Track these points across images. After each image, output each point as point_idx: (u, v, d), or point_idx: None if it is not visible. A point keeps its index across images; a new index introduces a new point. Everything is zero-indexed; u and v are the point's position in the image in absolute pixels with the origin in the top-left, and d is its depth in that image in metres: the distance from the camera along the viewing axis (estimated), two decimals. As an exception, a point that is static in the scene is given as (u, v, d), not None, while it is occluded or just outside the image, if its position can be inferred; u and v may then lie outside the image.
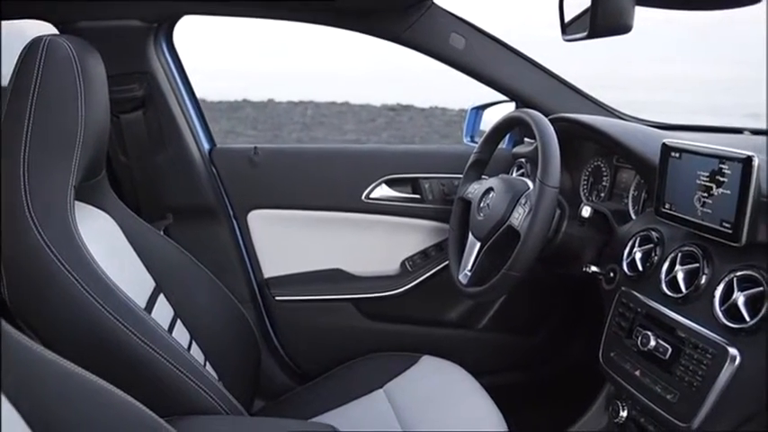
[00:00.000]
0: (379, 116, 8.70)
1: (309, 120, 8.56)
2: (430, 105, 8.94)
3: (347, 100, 9.30)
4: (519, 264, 1.26)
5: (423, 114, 8.68)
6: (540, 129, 1.31)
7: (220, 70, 9.84)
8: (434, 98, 8.77)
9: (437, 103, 8.83)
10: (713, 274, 1.09)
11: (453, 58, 1.68)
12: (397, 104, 9.13)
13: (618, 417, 1.27)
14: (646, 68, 10.40)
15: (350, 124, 8.32)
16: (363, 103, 9.22)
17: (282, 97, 9.39)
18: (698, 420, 1.04)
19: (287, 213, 1.78)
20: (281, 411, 1.55)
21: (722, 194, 1.05)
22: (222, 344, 1.42)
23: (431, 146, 2.40)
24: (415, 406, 1.42)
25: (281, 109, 9.06)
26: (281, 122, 8.42)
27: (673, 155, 1.15)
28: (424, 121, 8.39)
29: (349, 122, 8.41)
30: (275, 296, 1.79)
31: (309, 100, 9.26)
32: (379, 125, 8.30)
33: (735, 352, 1.01)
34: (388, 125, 8.28)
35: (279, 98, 9.39)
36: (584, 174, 1.64)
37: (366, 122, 8.43)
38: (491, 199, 1.42)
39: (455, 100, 7.08)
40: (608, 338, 1.28)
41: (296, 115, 8.74)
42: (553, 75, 1.75)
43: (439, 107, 8.70)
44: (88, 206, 1.23)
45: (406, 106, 9.05)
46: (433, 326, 1.86)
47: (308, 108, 8.96)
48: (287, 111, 8.96)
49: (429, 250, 1.83)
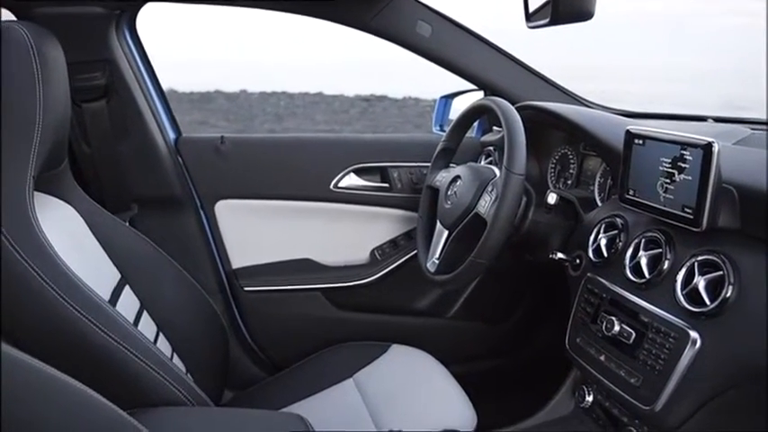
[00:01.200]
0: (353, 107, 8.67)
1: (282, 110, 8.50)
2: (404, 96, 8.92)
3: (320, 90, 9.24)
4: (485, 251, 1.27)
5: (396, 105, 8.66)
6: (506, 116, 1.31)
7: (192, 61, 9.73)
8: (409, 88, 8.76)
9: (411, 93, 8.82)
10: (675, 260, 1.10)
11: (420, 46, 1.67)
12: (370, 95, 9.09)
13: (584, 401, 1.29)
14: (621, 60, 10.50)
15: (323, 115, 8.28)
16: (337, 94, 9.17)
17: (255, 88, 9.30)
18: (660, 403, 1.06)
19: (255, 203, 1.77)
20: (251, 402, 1.54)
21: (684, 180, 1.06)
22: (190, 335, 1.40)
23: (399, 134, 2.39)
24: (385, 395, 1.43)
25: (253, 100, 8.98)
26: (254, 113, 8.35)
27: (636, 142, 1.16)
28: (397, 111, 8.37)
29: (322, 113, 8.37)
30: (244, 287, 1.78)
31: (282, 91, 9.18)
32: (353, 116, 8.27)
33: (695, 335, 1.02)
34: (361, 116, 8.26)
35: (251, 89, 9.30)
36: (552, 161, 1.65)
37: (339, 113, 8.39)
38: (458, 187, 1.42)
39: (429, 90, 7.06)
40: (574, 324, 1.29)
41: (268, 106, 8.67)
42: (520, 63, 1.75)
43: (413, 97, 8.69)
44: (49, 197, 1.21)
45: (380, 97, 9.02)
46: (402, 315, 1.86)
47: (280, 99, 8.89)
48: (259, 102, 8.88)
49: (398, 239, 1.83)
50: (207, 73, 9.63)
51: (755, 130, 1.41)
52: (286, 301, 1.80)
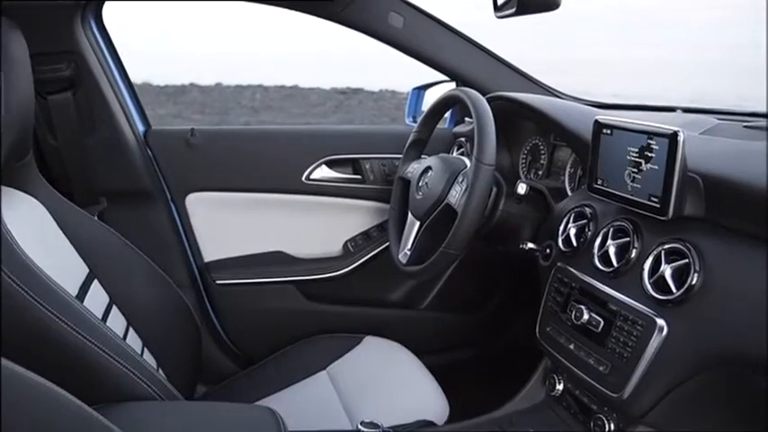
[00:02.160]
0: (329, 100, 8.63)
1: (258, 104, 8.43)
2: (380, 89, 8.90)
3: (296, 83, 9.19)
4: (456, 242, 1.27)
5: (373, 98, 8.64)
6: (476, 107, 1.31)
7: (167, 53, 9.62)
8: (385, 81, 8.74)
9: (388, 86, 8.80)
10: (643, 248, 1.11)
11: (392, 38, 1.67)
12: (347, 88, 9.06)
13: (554, 390, 1.30)
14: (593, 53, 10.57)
15: (299, 108, 8.23)
16: (313, 87, 9.12)
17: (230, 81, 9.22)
18: (628, 390, 1.07)
19: (226, 196, 1.76)
20: (224, 396, 1.53)
21: (650, 169, 1.07)
22: (161, 329, 1.39)
23: (371, 126, 2.39)
24: (358, 386, 1.43)
25: (228, 93, 8.91)
26: (229, 107, 8.28)
27: (604, 131, 1.17)
28: (374, 104, 8.36)
29: (298, 106, 8.32)
30: (216, 280, 1.77)
31: (258, 84, 9.12)
32: (329, 109, 8.23)
33: (662, 323, 1.04)
34: (337, 108, 8.22)
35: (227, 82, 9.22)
36: (523, 152, 1.65)
37: (315, 106, 8.35)
38: (429, 178, 1.42)
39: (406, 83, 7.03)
40: (544, 314, 1.30)
41: (244, 99, 8.60)
42: (492, 54, 1.75)
43: (389, 90, 8.67)
44: (13, 190, 1.19)
45: (356, 90, 8.99)
46: (376, 306, 1.86)
47: (256, 92, 8.82)
48: (235, 95, 8.81)
49: (371, 231, 1.83)
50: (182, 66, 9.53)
51: (722, 120, 1.42)
52: (259, 295, 1.79)
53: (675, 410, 1.06)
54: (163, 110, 7.73)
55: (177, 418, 1.05)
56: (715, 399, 1.04)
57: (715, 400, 1.04)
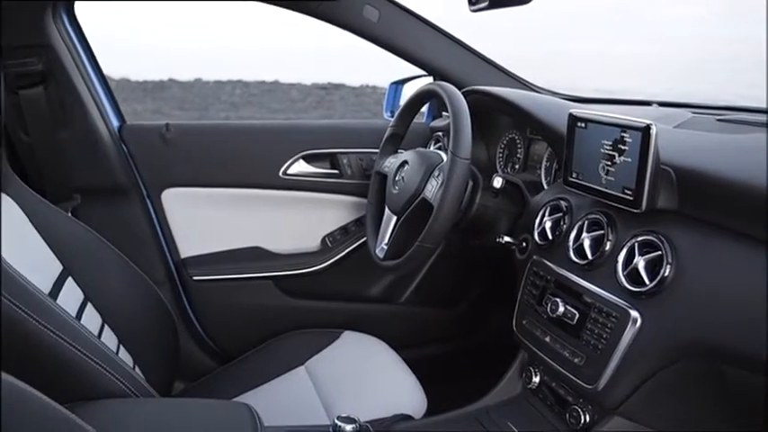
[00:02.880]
0: (310, 95, 8.60)
1: (238, 99, 8.38)
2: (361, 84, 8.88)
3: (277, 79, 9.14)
4: (432, 236, 1.27)
5: (354, 93, 8.62)
6: (452, 101, 1.31)
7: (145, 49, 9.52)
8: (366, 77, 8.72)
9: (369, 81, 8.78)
10: (617, 241, 1.12)
11: (368, 31, 1.66)
12: (328, 83, 9.03)
13: (531, 382, 1.31)
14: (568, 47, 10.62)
15: (279, 104, 8.20)
16: (293, 82, 9.08)
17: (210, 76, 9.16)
18: (603, 381, 1.08)
19: (202, 191, 1.74)
20: (202, 393, 1.53)
21: (624, 162, 1.07)
22: (137, 327, 1.38)
23: (349, 120, 2.38)
24: (336, 381, 1.43)
25: (208, 88, 8.85)
26: (209, 102, 8.22)
27: (579, 125, 1.17)
28: (355, 99, 8.34)
29: (278, 102, 8.28)
30: (193, 276, 1.76)
31: (238, 79, 9.06)
32: (310, 104, 8.20)
33: (636, 314, 1.04)
34: (318, 104, 8.20)
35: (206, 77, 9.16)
36: (500, 146, 1.66)
37: (296, 102, 8.32)
38: (405, 172, 1.42)
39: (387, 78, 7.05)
40: (521, 307, 1.30)
41: (224, 95, 8.55)
42: (469, 48, 1.75)
43: (370, 85, 8.65)
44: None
45: (338, 85, 8.96)
46: (354, 301, 1.86)
47: (236, 87, 8.77)
48: (215, 90, 8.75)
49: (349, 226, 1.82)
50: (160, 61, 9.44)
51: (697, 113, 1.44)
52: (236, 290, 1.78)
53: (649, 401, 1.07)
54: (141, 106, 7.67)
55: (152, 416, 1.04)
56: (687, 389, 1.05)
57: (687, 391, 1.05)
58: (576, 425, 1.17)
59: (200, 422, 1.02)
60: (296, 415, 1.34)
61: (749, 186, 0.93)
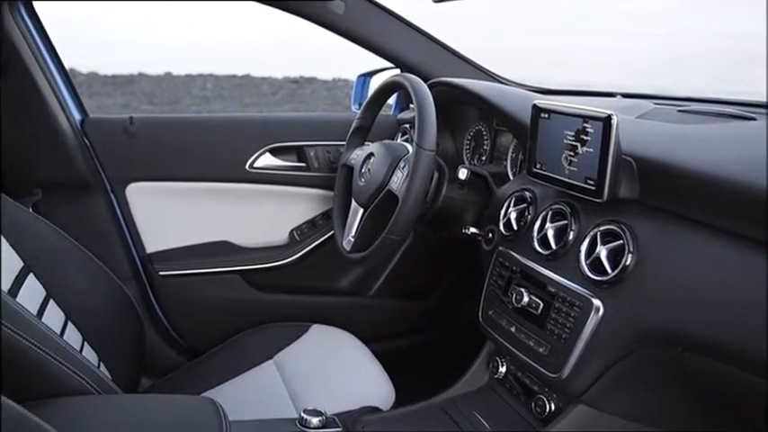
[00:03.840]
0: (282, 89, 8.56)
1: (209, 93, 8.31)
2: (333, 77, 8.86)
3: (248, 72, 9.08)
4: (398, 227, 1.26)
5: (326, 86, 8.60)
6: (417, 92, 1.31)
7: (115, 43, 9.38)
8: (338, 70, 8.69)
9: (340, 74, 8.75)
10: (580, 230, 1.13)
11: (334, 23, 1.66)
12: (300, 77, 8.99)
13: (498, 373, 1.31)
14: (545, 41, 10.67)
15: (251, 97, 8.14)
16: (265, 76, 9.03)
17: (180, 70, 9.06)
18: (567, 370, 1.09)
19: (168, 185, 1.72)
20: (169, 389, 1.51)
21: (586, 153, 1.08)
22: (101, 323, 1.36)
23: (316, 113, 2.38)
24: (305, 375, 1.42)
25: (178, 82, 8.76)
26: (179, 96, 8.14)
27: (542, 116, 1.18)
28: (326, 93, 8.32)
29: (250, 96, 8.23)
30: (159, 271, 1.73)
31: (209, 73, 8.98)
32: (282, 98, 8.16)
33: (598, 303, 1.05)
34: (290, 97, 8.16)
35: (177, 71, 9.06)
36: (467, 137, 1.66)
37: (268, 95, 8.27)
38: (372, 164, 1.41)
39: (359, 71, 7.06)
40: (487, 297, 1.31)
41: (195, 89, 8.46)
42: (436, 40, 1.75)
43: (342, 79, 8.62)
44: None
45: (309, 78, 8.93)
46: (323, 294, 1.86)
47: (207, 81, 8.69)
48: (185, 84, 8.67)
49: (317, 219, 1.81)
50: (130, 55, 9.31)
51: (659, 104, 1.45)
52: (204, 285, 1.77)
53: (612, 389, 1.08)
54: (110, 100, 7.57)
55: (113, 412, 1.02)
56: (649, 377, 1.06)
57: (649, 378, 1.07)
58: (541, 413, 1.18)
59: (162, 418, 1.01)
60: (264, 409, 1.33)
61: (708, 176, 0.94)
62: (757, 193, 0.86)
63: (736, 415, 1.07)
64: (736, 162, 0.95)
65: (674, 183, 1.00)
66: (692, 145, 1.06)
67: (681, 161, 1.00)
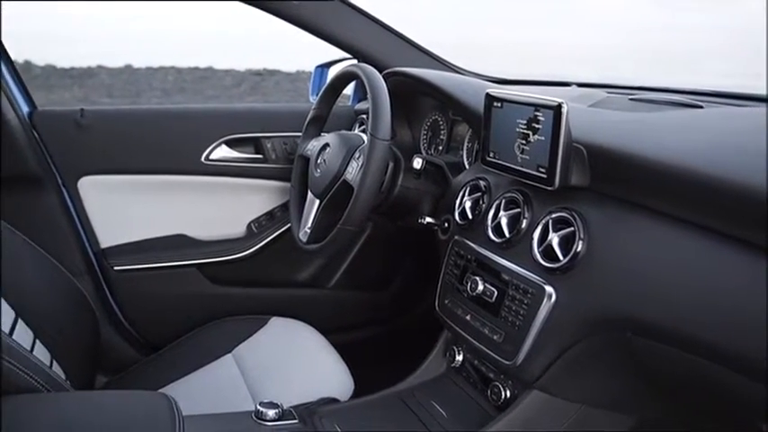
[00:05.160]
0: (245, 81, 8.45)
1: (170, 86, 8.17)
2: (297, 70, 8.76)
3: (211, 65, 8.94)
4: (353, 218, 1.26)
5: (289, 79, 8.50)
6: (371, 82, 1.30)
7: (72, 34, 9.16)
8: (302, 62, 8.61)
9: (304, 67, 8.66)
10: (532, 218, 1.14)
11: (289, 14, 1.64)
12: (263, 69, 8.88)
13: (455, 361, 1.32)
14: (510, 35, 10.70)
15: (213, 90, 8.03)
16: (228, 69, 8.90)
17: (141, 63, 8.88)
18: (521, 357, 1.10)
19: (121, 179, 1.69)
20: (125, 385, 1.49)
21: (538, 141, 1.09)
22: (54, 321, 1.33)
23: (272, 104, 2.35)
24: (264, 368, 1.42)
25: (139, 75, 8.57)
26: (140, 89, 7.98)
27: (495, 104, 1.18)
28: (290, 85, 8.23)
29: (212, 88, 8.11)
30: (114, 266, 1.70)
31: (170, 65, 8.81)
32: (245, 90, 8.06)
33: (551, 290, 1.06)
34: (253, 90, 8.06)
35: (137, 64, 8.87)
36: (424, 128, 1.66)
37: (230, 88, 8.16)
38: (327, 155, 1.41)
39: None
40: (443, 286, 1.31)
41: (155, 81, 8.30)
42: (392, 30, 1.75)
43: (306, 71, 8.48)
44: None
45: (273, 71, 8.82)
46: (283, 287, 1.84)
47: (168, 74, 8.53)
48: (146, 77, 8.49)
49: (275, 211, 1.80)
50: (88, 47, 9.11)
51: (611, 93, 1.47)
52: (160, 279, 1.74)
53: (565, 374, 1.09)
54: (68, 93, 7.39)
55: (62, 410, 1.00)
56: (601, 362, 1.08)
57: (601, 363, 1.08)
58: (497, 401, 1.19)
59: (112, 414, 0.99)
60: (222, 403, 1.32)
61: (655, 162, 0.95)
62: (700, 179, 0.87)
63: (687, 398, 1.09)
64: (682, 148, 0.96)
65: (623, 169, 1.01)
66: (640, 132, 1.08)
67: (629, 148, 1.01)
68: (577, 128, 1.06)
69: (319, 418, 1.22)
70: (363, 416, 1.25)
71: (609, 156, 1.03)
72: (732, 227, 0.84)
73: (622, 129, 1.11)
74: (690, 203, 0.91)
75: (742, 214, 0.82)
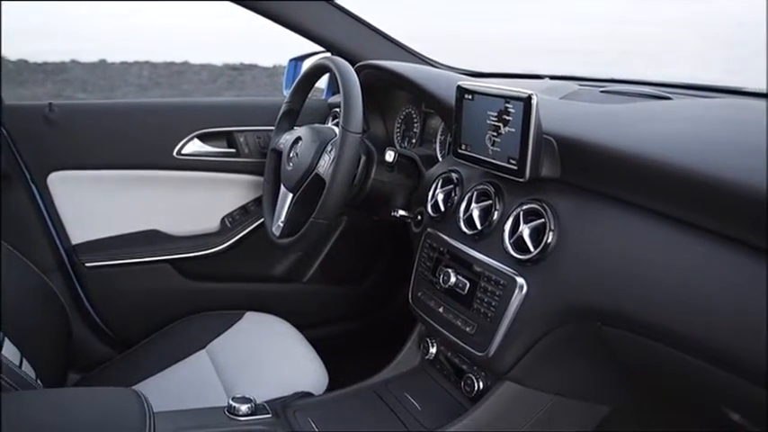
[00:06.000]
0: (222, 76, 8.38)
1: (146, 81, 8.07)
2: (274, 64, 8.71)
3: (186, 60, 8.85)
4: (325, 211, 1.26)
5: (266, 73, 8.44)
6: (342, 75, 1.29)
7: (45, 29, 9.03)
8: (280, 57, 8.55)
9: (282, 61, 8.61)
10: (504, 210, 1.14)
11: (261, 7, 1.63)
12: (240, 64, 8.81)
13: (428, 354, 1.32)
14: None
15: (189, 85, 7.95)
16: (204, 63, 8.82)
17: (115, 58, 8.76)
18: (493, 348, 1.10)
19: (92, 174, 1.66)
20: (98, 382, 1.48)
21: (508, 133, 1.09)
22: (24, 319, 1.31)
23: (245, 98, 2.34)
24: (238, 363, 1.41)
25: (113, 70, 8.47)
26: (114, 84, 7.89)
27: (466, 97, 1.18)
28: (267, 80, 8.17)
29: (188, 83, 8.03)
30: (85, 263, 1.68)
31: (145, 60, 8.71)
32: (221, 85, 7.99)
33: (522, 281, 1.07)
34: (230, 85, 8.00)
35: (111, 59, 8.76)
36: (398, 121, 1.66)
37: (207, 83, 8.09)
38: (299, 148, 1.40)
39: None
40: (416, 279, 1.31)
41: (130, 76, 8.21)
42: (365, 23, 1.74)
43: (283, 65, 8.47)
44: None
45: (250, 65, 8.76)
46: (257, 282, 1.83)
47: (143, 69, 8.44)
48: (120, 72, 8.39)
49: (249, 205, 1.79)
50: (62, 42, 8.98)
51: (583, 86, 1.48)
52: (133, 275, 1.72)
53: (537, 365, 1.10)
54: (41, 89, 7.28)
55: (30, 408, 0.98)
56: (573, 351, 1.09)
57: (573, 353, 1.09)
58: (470, 392, 1.20)
59: (81, 412, 0.98)
60: (196, 399, 1.31)
61: (624, 153, 0.96)
62: (669, 168, 0.88)
63: (657, 386, 1.10)
64: (650, 139, 0.97)
65: (593, 161, 1.01)
66: (609, 123, 1.08)
67: (598, 139, 1.02)
68: (548, 119, 1.07)
69: (293, 412, 1.21)
70: (337, 409, 1.25)
71: (579, 147, 1.03)
72: (699, 216, 0.85)
73: (592, 120, 1.12)
74: (658, 193, 0.91)
75: (710, 204, 0.83)
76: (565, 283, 1.03)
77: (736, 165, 0.81)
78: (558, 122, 1.09)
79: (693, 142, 0.92)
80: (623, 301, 0.94)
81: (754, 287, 0.77)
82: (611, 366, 1.09)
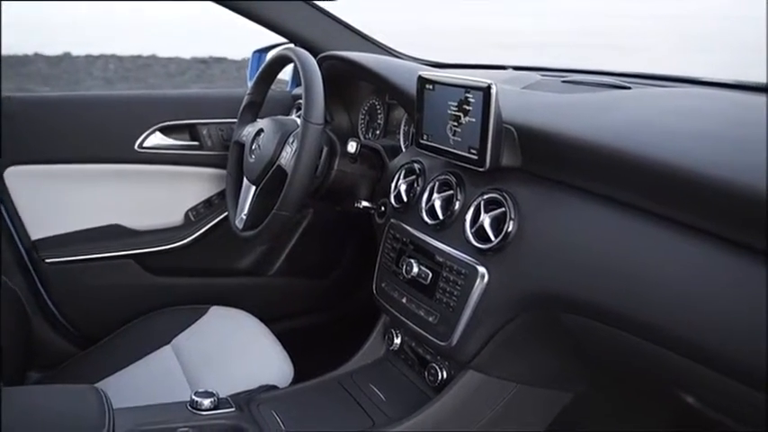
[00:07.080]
0: (190, 69, 8.28)
1: (111, 74, 7.95)
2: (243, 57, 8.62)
3: (154, 53, 8.73)
4: (287, 203, 1.25)
5: (236, 66, 8.36)
6: (304, 65, 1.29)
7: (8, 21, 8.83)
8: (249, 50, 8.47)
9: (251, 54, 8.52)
10: (465, 200, 1.15)
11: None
12: (209, 57, 8.72)
13: (393, 344, 1.33)
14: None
15: (156, 78, 7.85)
16: (172, 56, 8.70)
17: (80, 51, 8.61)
18: (455, 337, 1.10)
19: (51, 168, 1.64)
20: (60, 380, 1.46)
21: (469, 122, 1.09)
22: None
23: (207, 90, 2.32)
24: (203, 357, 1.40)
25: (78, 63, 8.32)
26: (80, 78, 7.75)
27: (427, 87, 1.18)
28: (237, 73, 8.08)
29: (155, 77, 7.93)
30: (45, 259, 1.65)
31: (111, 53, 8.57)
32: (189, 78, 7.90)
33: (483, 270, 1.07)
34: (198, 78, 7.91)
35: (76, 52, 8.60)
36: (362, 112, 1.66)
37: (175, 76, 7.99)
38: (261, 140, 1.39)
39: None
40: (380, 270, 1.31)
41: (96, 70, 8.07)
42: (327, 14, 1.73)
43: (252, 59, 8.41)
44: None
45: (219, 59, 8.67)
46: (223, 276, 1.82)
47: (109, 62, 8.31)
48: (85, 65, 8.25)
49: (213, 198, 1.77)
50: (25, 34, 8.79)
51: (545, 76, 1.49)
52: (95, 271, 1.69)
53: (500, 353, 1.11)
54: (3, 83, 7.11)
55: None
56: (535, 340, 1.09)
57: (535, 341, 1.10)
58: (434, 382, 1.20)
59: (37, 410, 0.96)
60: (160, 394, 1.29)
61: (583, 142, 0.96)
62: (625, 157, 0.89)
63: (616, 372, 1.12)
64: (609, 128, 0.97)
65: (552, 149, 1.02)
66: (569, 113, 1.09)
67: (558, 128, 1.02)
68: (508, 109, 1.07)
69: (257, 405, 1.20)
70: (301, 401, 1.24)
71: (538, 136, 1.04)
72: (655, 204, 0.86)
73: (552, 109, 1.12)
74: (615, 182, 0.92)
75: (669, 192, 0.83)
76: (525, 272, 1.03)
77: (691, 152, 0.82)
78: (518, 112, 1.10)
79: (650, 131, 0.93)
80: (582, 289, 0.95)
81: (701, 270, 0.79)
82: (574, 354, 1.10)
